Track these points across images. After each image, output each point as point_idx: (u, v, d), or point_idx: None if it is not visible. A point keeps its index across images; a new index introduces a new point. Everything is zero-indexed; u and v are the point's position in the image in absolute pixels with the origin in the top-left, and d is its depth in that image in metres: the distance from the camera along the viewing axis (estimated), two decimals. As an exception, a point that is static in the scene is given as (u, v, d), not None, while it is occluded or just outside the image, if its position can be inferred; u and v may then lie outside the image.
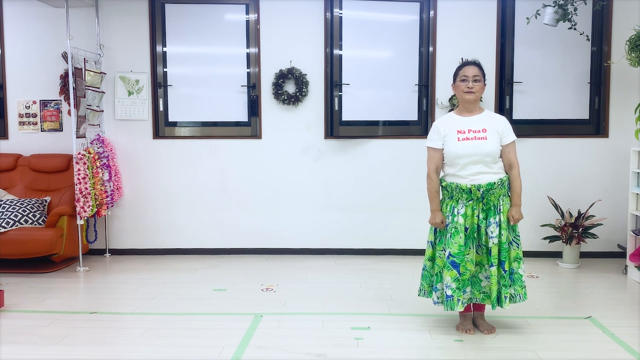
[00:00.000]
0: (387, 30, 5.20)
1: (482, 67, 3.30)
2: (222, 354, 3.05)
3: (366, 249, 5.30)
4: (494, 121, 3.26)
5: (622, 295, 4.13)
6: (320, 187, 5.28)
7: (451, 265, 3.19)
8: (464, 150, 3.19)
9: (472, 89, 3.22)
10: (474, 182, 3.19)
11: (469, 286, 3.26)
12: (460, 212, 3.21)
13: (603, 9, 5.02)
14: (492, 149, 3.19)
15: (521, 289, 3.26)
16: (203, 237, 5.34)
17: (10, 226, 4.67)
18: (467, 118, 3.27)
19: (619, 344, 3.17)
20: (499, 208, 3.20)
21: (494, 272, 3.20)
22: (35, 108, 5.33)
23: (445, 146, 3.27)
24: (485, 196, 3.19)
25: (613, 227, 5.06)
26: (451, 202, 3.26)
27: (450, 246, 3.20)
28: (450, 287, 3.19)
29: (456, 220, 3.21)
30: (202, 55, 5.31)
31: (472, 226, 3.23)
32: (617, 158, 5.10)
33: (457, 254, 3.18)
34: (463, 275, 3.21)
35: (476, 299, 3.32)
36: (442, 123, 3.32)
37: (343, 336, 3.29)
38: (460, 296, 3.20)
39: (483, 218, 3.22)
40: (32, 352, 3.10)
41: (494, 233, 3.18)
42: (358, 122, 5.26)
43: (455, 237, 3.20)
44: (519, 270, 3.26)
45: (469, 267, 3.23)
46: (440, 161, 3.32)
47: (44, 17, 5.20)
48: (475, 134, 3.20)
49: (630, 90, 5.04)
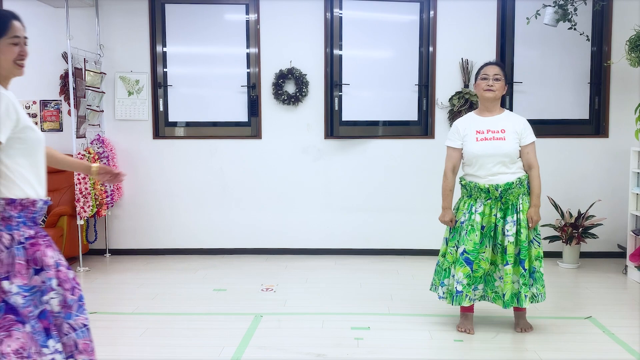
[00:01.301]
0: (387, 30, 5.20)
1: (503, 67, 3.33)
2: (222, 354, 3.05)
3: (366, 249, 5.30)
4: (513, 122, 3.27)
5: (622, 295, 4.13)
6: (320, 187, 5.28)
7: (465, 262, 3.21)
8: (482, 150, 3.21)
9: (492, 87, 3.24)
10: (492, 182, 3.21)
11: (481, 283, 3.29)
12: (477, 210, 3.23)
13: (603, 9, 5.01)
14: (510, 150, 3.20)
15: (542, 288, 3.28)
16: (203, 237, 5.34)
17: (10, 226, 4.66)
18: (486, 118, 3.29)
19: (619, 344, 3.17)
20: (518, 207, 3.21)
21: (508, 270, 3.20)
22: (35, 108, 5.33)
23: (464, 146, 3.30)
24: (503, 195, 3.21)
25: (613, 227, 5.06)
26: (470, 200, 3.30)
27: (466, 243, 3.22)
28: (461, 283, 3.22)
29: (473, 218, 3.23)
30: (202, 55, 5.31)
31: (489, 225, 3.25)
32: (617, 158, 5.10)
33: (472, 251, 3.21)
34: (475, 273, 3.23)
35: (488, 297, 3.34)
36: (462, 123, 3.36)
37: (343, 336, 3.29)
38: (469, 292, 3.23)
39: (501, 217, 3.24)
40: (32, 352, 3.10)
41: (510, 231, 3.19)
42: (358, 122, 5.26)
43: (471, 235, 3.22)
44: (541, 269, 3.27)
45: (482, 265, 3.24)
46: (457, 160, 3.36)
47: (44, 17, 5.19)
48: (494, 135, 3.22)
49: (630, 90, 5.04)
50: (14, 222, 2.08)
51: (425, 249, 5.23)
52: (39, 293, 2.07)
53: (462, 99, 5.03)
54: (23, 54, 2.21)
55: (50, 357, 2.03)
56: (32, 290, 2.06)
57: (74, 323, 2.13)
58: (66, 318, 2.11)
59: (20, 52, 2.20)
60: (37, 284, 2.07)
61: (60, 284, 2.12)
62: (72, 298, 2.14)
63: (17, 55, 2.21)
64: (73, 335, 2.12)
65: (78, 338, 2.13)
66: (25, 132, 2.16)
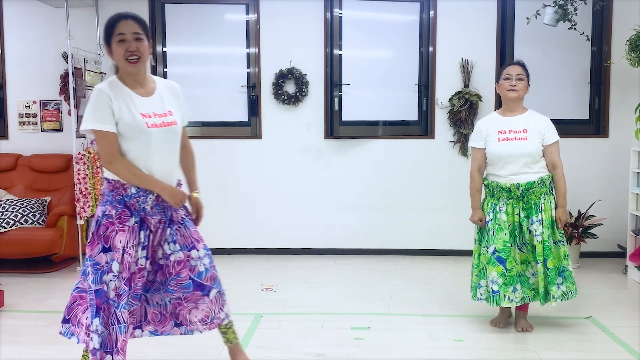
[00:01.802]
0: (387, 30, 5.20)
1: (526, 67, 3.34)
2: (222, 354, 3.04)
3: (366, 249, 5.29)
4: (536, 121, 3.27)
5: (622, 295, 4.13)
6: (320, 187, 5.28)
7: (497, 261, 3.21)
8: (504, 150, 3.22)
9: (515, 87, 3.25)
10: (513, 182, 3.22)
11: (518, 283, 3.25)
12: (502, 209, 3.24)
13: (603, 9, 5.01)
14: (532, 150, 3.21)
15: (572, 285, 3.29)
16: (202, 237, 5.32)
17: (11, 226, 4.66)
18: (508, 118, 3.30)
19: (619, 344, 3.17)
20: (541, 207, 3.22)
21: (540, 269, 3.21)
22: (35, 108, 5.33)
23: (487, 146, 3.31)
24: (525, 195, 3.22)
25: (613, 227, 5.06)
26: (492, 199, 3.31)
27: (495, 242, 3.22)
28: (497, 283, 3.21)
29: (499, 217, 3.24)
30: (202, 55, 5.31)
31: (512, 224, 3.25)
32: (617, 158, 5.10)
33: (503, 249, 3.21)
34: (510, 272, 3.21)
35: (528, 297, 3.31)
36: (484, 123, 3.37)
37: (343, 336, 3.29)
38: (507, 292, 3.20)
39: (524, 216, 3.25)
40: (32, 352, 3.10)
41: (537, 231, 3.20)
42: (358, 122, 5.26)
43: (500, 234, 3.22)
44: (569, 267, 3.28)
45: (514, 264, 3.24)
46: (482, 161, 3.36)
47: (44, 17, 5.20)
48: (516, 134, 3.23)
49: (630, 90, 5.03)
50: (104, 199, 2.37)
51: (425, 249, 5.24)
52: (100, 272, 2.30)
53: (462, 99, 5.03)
54: (130, 50, 2.32)
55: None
56: (96, 266, 2.30)
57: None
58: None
59: (127, 48, 2.32)
60: (101, 261, 2.31)
61: (121, 271, 2.30)
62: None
63: (125, 52, 2.32)
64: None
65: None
66: (120, 125, 2.33)
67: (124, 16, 2.35)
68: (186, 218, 2.53)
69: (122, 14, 2.37)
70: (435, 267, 4.86)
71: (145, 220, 2.38)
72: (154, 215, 2.40)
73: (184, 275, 2.46)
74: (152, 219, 2.40)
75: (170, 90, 2.49)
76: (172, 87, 2.52)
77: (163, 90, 2.46)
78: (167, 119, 2.40)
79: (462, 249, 5.04)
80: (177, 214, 2.48)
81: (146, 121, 2.33)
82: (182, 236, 2.49)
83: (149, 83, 2.45)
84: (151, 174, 2.37)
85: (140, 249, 2.36)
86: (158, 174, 2.39)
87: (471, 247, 3.46)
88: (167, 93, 2.47)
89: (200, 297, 2.49)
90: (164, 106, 2.42)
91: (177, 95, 2.51)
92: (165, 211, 2.44)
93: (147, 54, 2.40)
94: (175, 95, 2.50)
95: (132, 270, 2.34)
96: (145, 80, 2.43)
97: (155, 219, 2.41)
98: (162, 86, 2.48)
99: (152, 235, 2.42)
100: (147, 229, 2.39)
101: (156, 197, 2.38)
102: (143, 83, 2.42)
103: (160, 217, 2.42)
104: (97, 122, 2.28)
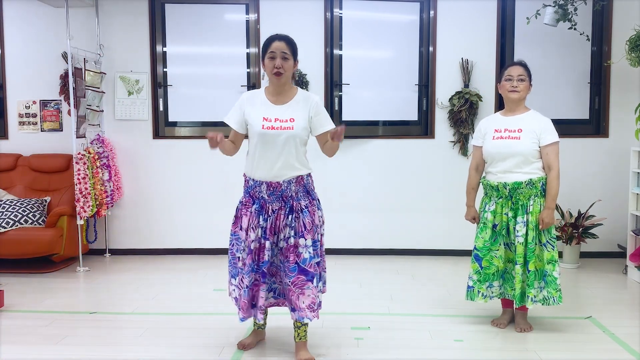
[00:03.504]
0: (387, 30, 5.20)
1: (528, 67, 3.35)
2: (222, 354, 3.05)
3: (366, 248, 5.29)
4: (533, 122, 3.27)
5: (622, 295, 4.13)
6: (320, 187, 5.23)
7: (474, 258, 3.32)
8: (495, 148, 3.26)
9: (517, 88, 3.28)
10: (501, 180, 3.25)
11: (496, 281, 3.33)
12: (490, 208, 3.30)
13: (603, 9, 5.01)
14: (524, 149, 3.21)
15: (555, 292, 3.24)
16: (203, 237, 5.34)
17: (10, 226, 4.66)
18: (508, 118, 3.33)
19: (619, 344, 3.17)
20: (529, 208, 3.22)
21: (518, 270, 3.23)
22: (35, 108, 5.33)
23: (483, 144, 3.36)
24: (513, 195, 3.23)
25: (613, 227, 5.06)
26: (485, 198, 3.38)
27: (477, 240, 3.33)
28: (472, 279, 3.34)
29: (485, 216, 3.31)
30: (202, 55, 5.31)
31: (501, 223, 3.29)
32: (617, 158, 5.10)
33: (482, 248, 3.31)
34: (486, 270, 3.30)
35: (508, 294, 3.35)
36: (485, 122, 3.43)
37: (343, 336, 3.29)
38: (481, 289, 3.30)
39: (512, 216, 3.26)
40: (32, 352, 3.10)
41: (519, 232, 3.22)
42: (358, 122, 5.26)
43: (482, 232, 3.31)
44: (554, 273, 3.23)
45: (495, 262, 3.30)
46: (480, 159, 3.42)
47: (44, 17, 5.20)
48: (510, 134, 3.25)
49: (630, 90, 5.04)
50: (244, 189, 2.95)
51: (425, 249, 5.24)
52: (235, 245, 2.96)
53: (462, 99, 5.03)
54: (277, 66, 2.76)
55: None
56: (234, 240, 2.98)
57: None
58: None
59: (274, 65, 2.77)
60: (240, 236, 2.90)
61: (246, 247, 2.86)
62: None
63: (272, 67, 2.78)
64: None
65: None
66: (248, 125, 2.92)
67: (278, 37, 2.80)
68: (305, 209, 2.85)
69: (277, 35, 2.81)
70: (435, 267, 4.86)
71: (264, 206, 2.83)
72: (272, 202, 2.83)
73: (292, 259, 2.80)
74: (270, 205, 2.83)
75: (305, 102, 2.86)
76: (307, 99, 2.88)
77: (297, 101, 2.85)
78: (285, 124, 2.79)
79: (462, 249, 5.04)
80: (298, 204, 2.84)
81: (263, 124, 2.80)
82: (298, 224, 2.83)
83: (290, 94, 2.87)
84: (258, 168, 2.85)
85: (260, 230, 2.82)
86: (265, 168, 2.83)
87: (471, 247, 3.46)
88: (300, 104, 2.85)
89: (305, 282, 2.81)
90: (289, 113, 2.82)
91: (308, 106, 2.85)
92: (286, 200, 2.83)
93: (290, 70, 2.82)
94: (306, 106, 2.85)
95: (253, 247, 2.81)
96: (285, 91, 2.86)
97: (275, 205, 2.83)
98: (299, 98, 2.86)
99: (275, 220, 2.83)
100: (265, 213, 2.83)
101: (267, 187, 2.81)
102: (282, 93, 2.86)
103: (281, 205, 2.83)
104: (228, 116, 3.02)
